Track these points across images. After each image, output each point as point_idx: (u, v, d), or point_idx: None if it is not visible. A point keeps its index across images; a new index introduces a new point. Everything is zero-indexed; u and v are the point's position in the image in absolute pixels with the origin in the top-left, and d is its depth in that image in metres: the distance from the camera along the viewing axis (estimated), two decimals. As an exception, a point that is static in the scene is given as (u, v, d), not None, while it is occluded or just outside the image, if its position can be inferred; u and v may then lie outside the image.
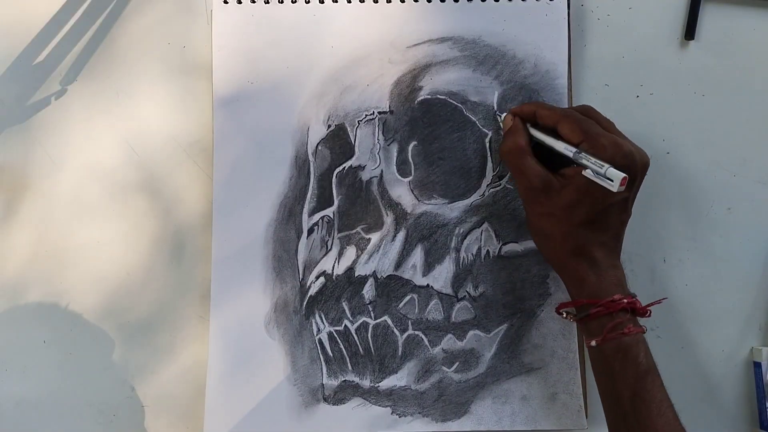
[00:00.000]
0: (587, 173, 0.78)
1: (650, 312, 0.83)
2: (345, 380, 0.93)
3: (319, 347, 0.93)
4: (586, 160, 0.79)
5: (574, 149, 0.81)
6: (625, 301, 0.81)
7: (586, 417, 0.93)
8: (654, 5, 0.98)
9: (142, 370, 0.95)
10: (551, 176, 0.83)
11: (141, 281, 0.95)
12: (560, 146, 0.83)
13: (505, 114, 0.91)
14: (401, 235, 0.93)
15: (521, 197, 0.89)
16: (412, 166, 0.94)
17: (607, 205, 0.82)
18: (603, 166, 0.77)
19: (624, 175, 0.76)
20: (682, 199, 0.96)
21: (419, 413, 0.92)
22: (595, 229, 0.83)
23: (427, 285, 0.93)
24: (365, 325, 0.93)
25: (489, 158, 0.94)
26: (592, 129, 0.82)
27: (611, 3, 0.98)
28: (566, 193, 0.81)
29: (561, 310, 0.89)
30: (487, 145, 0.94)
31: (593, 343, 0.81)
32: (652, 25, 0.98)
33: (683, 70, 0.98)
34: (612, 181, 0.76)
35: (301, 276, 0.93)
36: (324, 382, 0.93)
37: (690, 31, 0.97)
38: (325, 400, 0.92)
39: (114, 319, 0.95)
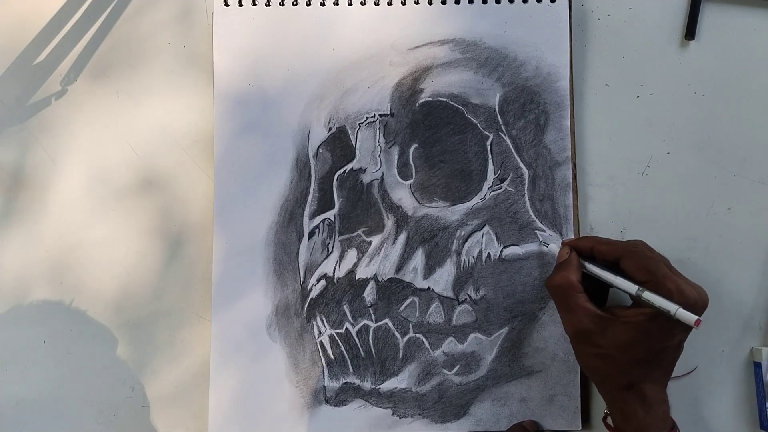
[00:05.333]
0: (661, 308, 0.77)
1: None
2: (346, 382, 0.93)
3: (320, 349, 0.93)
4: (652, 299, 0.77)
5: (636, 287, 0.79)
6: None
7: (588, 419, 0.94)
8: (654, 5, 0.98)
9: (142, 370, 0.95)
10: (604, 316, 0.80)
11: (141, 281, 0.96)
12: (621, 283, 0.81)
13: (559, 248, 0.89)
14: (402, 238, 0.93)
15: (567, 333, 0.84)
16: (413, 168, 0.94)
17: (665, 347, 0.81)
18: (672, 307, 0.76)
19: (697, 317, 0.75)
20: (682, 199, 0.96)
21: (419, 414, 0.93)
22: (648, 367, 0.81)
23: (428, 288, 0.93)
24: (366, 327, 0.93)
25: (490, 161, 0.94)
26: (659, 270, 0.80)
27: (611, 3, 0.98)
28: (622, 332, 0.79)
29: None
30: (488, 147, 0.94)
31: None
32: (652, 25, 0.98)
33: (683, 70, 0.98)
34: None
35: (302, 279, 0.93)
36: (325, 384, 0.93)
37: (690, 31, 0.97)
38: (327, 401, 0.93)
39: (114, 319, 0.95)
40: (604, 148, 0.96)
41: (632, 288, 0.80)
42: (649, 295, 0.78)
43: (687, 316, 0.75)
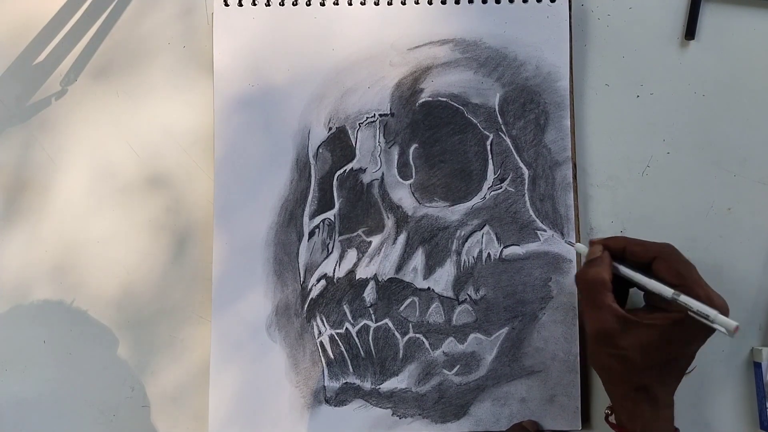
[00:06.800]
0: (695, 315, 0.75)
1: None
2: (346, 382, 0.93)
3: (320, 349, 0.93)
4: (689, 303, 0.76)
5: (672, 291, 0.78)
6: None
7: (588, 419, 0.94)
8: (654, 5, 0.98)
9: (142, 370, 0.95)
10: (628, 317, 0.79)
11: (141, 281, 0.95)
12: (656, 286, 0.80)
13: (586, 247, 0.86)
14: (402, 238, 0.93)
15: (587, 330, 0.83)
16: (413, 168, 0.94)
17: (684, 352, 0.80)
18: (711, 312, 0.74)
19: (736, 324, 0.73)
20: (682, 199, 0.96)
21: (419, 414, 0.93)
22: (663, 371, 0.80)
23: (428, 288, 0.93)
24: (366, 327, 0.93)
25: (490, 161, 0.94)
26: (691, 275, 0.79)
27: (611, 3, 0.98)
28: (645, 335, 0.78)
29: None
30: (488, 147, 0.94)
31: None
32: (652, 25, 0.98)
33: (683, 70, 0.97)
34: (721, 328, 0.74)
35: (302, 279, 0.93)
36: (325, 384, 0.93)
37: (690, 31, 0.97)
38: (327, 401, 0.93)
39: (114, 319, 0.95)
40: (604, 148, 0.96)
41: (668, 292, 0.78)
42: (685, 299, 0.76)
43: (725, 321, 0.74)
